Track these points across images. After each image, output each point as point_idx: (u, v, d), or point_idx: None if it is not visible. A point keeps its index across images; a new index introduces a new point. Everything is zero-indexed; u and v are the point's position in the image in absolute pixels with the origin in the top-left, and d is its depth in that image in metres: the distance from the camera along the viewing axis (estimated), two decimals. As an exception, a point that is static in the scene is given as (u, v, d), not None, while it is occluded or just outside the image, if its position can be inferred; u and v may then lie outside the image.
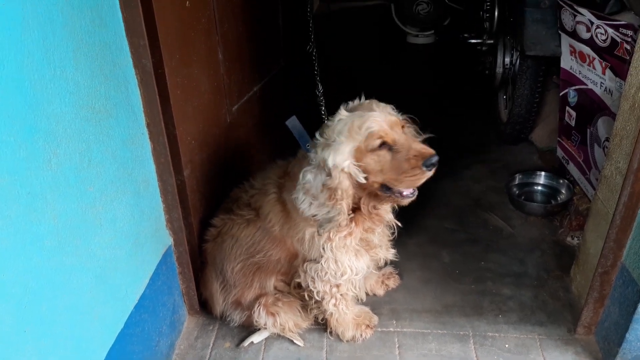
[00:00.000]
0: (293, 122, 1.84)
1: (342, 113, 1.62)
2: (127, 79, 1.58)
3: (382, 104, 1.66)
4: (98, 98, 1.42)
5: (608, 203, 1.93)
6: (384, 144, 1.55)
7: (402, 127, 1.62)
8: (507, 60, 3.11)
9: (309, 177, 1.60)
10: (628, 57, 2.00)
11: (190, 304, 2.09)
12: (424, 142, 1.71)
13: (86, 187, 1.38)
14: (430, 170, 1.55)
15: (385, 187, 1.64)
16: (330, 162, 1.55)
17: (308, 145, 1.77)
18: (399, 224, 1.94)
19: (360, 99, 1.71)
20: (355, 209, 1.75)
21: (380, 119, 1.55)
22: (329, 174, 1.57)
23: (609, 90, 2.19)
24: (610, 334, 1.90)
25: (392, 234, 2.01)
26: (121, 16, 1.52)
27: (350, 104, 1.71)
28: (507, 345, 2.01)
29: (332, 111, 1.85)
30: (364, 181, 1.59)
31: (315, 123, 1.89)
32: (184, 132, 1.85)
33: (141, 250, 1.70)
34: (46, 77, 1.22)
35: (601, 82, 2.24)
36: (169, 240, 1.90)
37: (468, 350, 1.99)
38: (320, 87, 2.07)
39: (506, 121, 3.24)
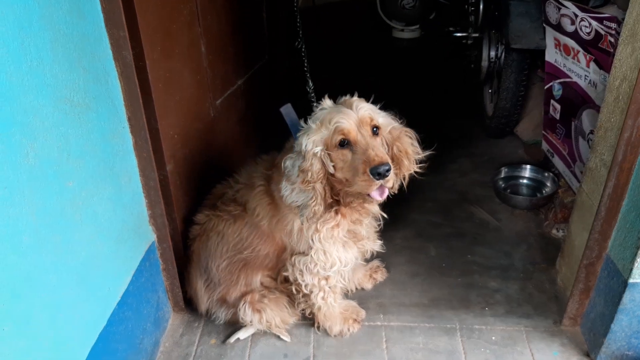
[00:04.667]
0: (287, 110, 1.81)
1: (326, 102, 1.64)
2: (107, 71, 1.54)
3: (365, 103, 1.64)
4: (77, 91, 1.39)
5: (593, 195, 1.93)
6: (346, 143, 1.56)
7: (374, 127, 1.61)
8: (493, 53, 3.11)
9: (288, 163, 1.63)
10: (612, 50, 2.00)
11: (175, 301, 2.06)
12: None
13: (65, 182, 1.35)
14: (379, 179, 1.52)
15: None
16: (303, 146, 1.58)
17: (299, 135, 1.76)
18: (385, 216, 1.93)
19: (351, 96, 1.70)
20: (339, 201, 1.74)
21: (351, 118, 1.56)
22: (303, 157, 1.59)
23: (594, 83, 2.20)
24: (595, 325, 1.91)
25: (379, 225, 2.01)
26: (100, 7, 1.49)
27: (342, 99, 1.71)
28: (493, 338, 2.01)
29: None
30: (332, 171, 1.61)
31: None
32: (166, 126, 1.82)
33: (123, 246, 1.67)
34: (22, 69, 1.18)
35: (585, 75, 2.25)
36: (152, 236, 1.87)
37: (455, 343, 1.99)
38: (310, 84, 2.05)
39: (491, 115, 3.25)
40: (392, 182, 1.58)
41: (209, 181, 2.11)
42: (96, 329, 1.52)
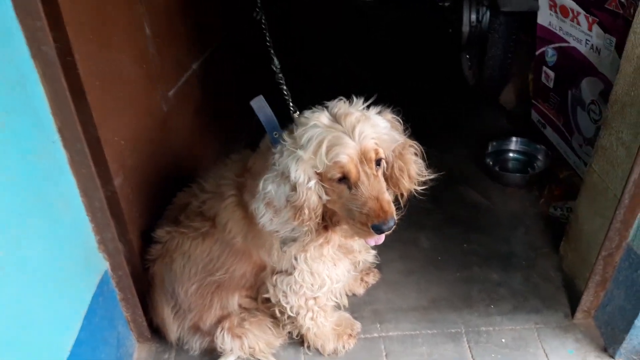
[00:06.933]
0: (259, 103, 1.48)
1: (322, 119, 1.30)
2: (24, 74, 1.21)
3: (368, 124, 1.30)
4: (-20, 105, 1.05)
5: (607, 177, 1.72)
6: (344, 179, 1.29)
7: (379, 160, 1.32)
8: (474, 17, 2.83)
9: (270, 187, 1.30)
10: (621, 11, 1.76)
11: (139, 332, 1.77)
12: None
13: (-25, 228, 1.03)
14: (380, 234, 1.31)
15: None
16: (292, 175, 1.27)
17: (276, 135, 1.45)
18: None
19: (351, 101, 1.38)
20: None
21: (352, 150, 1.26)
22: (294, 189, 1.28)
23: (596, 48, 1.97)
24: (614, 319, 1.74)
25: None
26: (5, -9, 1.13)
27: (340, 106, 1.35)
28: (503, 340, 1.83)
29: (294, 89, 1.54)
30: (325, 201, 1.34)
31: (278, 105, 1.56)
32: (108, 132, 1.49)
33: (67, 288, 1.36)
34: None
35: (587, 40, 2.01)
36: (104, 265, 1.56)
37: (462, 350, 1.80)
38: (276, 62, 1.69)
39: (475, 84, 3.00)
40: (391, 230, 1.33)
41: (168, 189, 1.81)
42: (41, 396, 1.23)
